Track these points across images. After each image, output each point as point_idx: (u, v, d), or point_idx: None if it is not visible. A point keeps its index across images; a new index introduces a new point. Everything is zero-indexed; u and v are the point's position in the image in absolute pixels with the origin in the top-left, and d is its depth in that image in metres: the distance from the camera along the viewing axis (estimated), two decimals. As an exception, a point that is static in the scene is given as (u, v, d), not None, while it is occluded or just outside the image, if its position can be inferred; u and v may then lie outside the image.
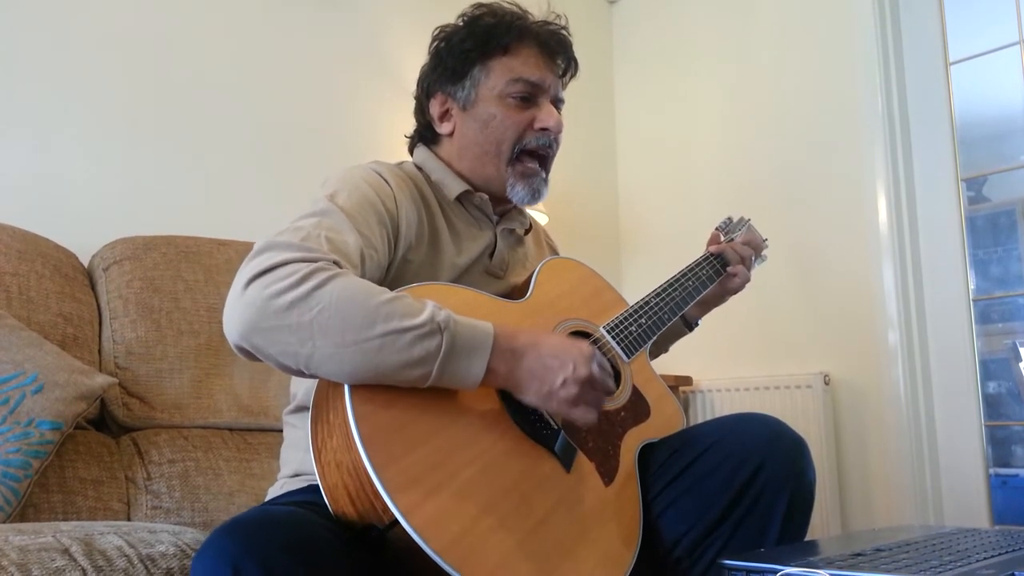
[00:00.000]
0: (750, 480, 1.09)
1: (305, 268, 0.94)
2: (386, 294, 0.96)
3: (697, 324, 1.50)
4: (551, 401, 1.01)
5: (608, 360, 1.22)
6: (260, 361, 0.97)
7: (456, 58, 1.26)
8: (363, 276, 1.05)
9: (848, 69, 2.46)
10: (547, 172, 1.29)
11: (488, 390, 1.03)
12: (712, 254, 1.46)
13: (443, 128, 1.29)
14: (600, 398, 1.04)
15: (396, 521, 0.87)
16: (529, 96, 1.25)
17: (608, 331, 1.25)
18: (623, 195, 3.14)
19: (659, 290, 1.35)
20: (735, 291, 1.47)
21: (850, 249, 2.42)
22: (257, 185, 2.26)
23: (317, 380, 1.01)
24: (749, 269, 1.47)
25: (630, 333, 1.26)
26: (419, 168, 1.29)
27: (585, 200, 3.01)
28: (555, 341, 1.03)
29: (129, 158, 2.10)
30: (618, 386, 1.22)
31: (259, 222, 2.08)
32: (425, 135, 1.33)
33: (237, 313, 0.93)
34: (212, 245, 1.92)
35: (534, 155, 1.26)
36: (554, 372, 1.00)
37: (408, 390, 0.96)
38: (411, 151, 1.35)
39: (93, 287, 1.80)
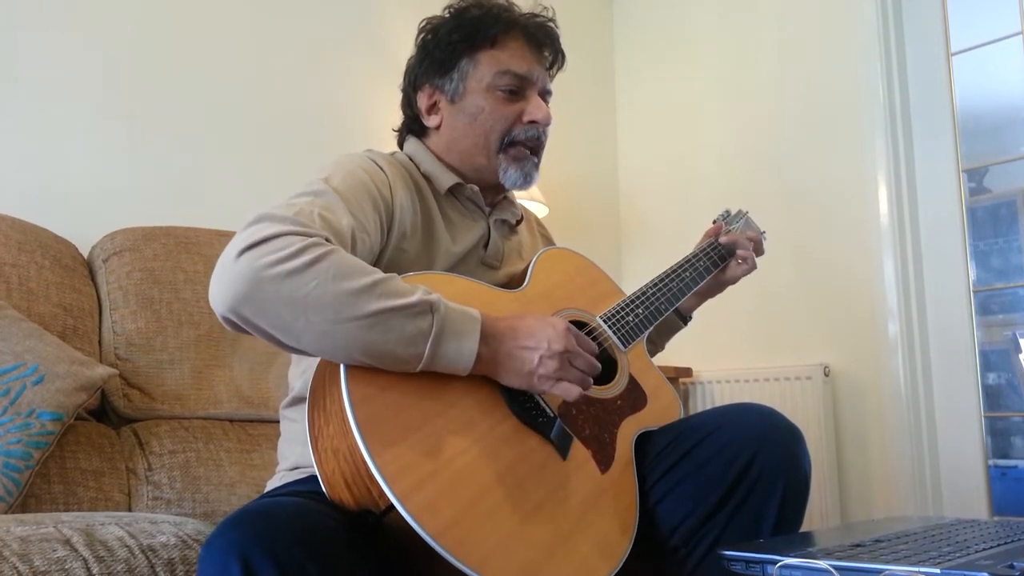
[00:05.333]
0: (745, 469, 1.09)
1: (300, 242, 0.94)
2: (379, 274, 0.97)
3: (691, 318, 1.50)
4: (532, 380, 1.02)
5: (604, 349, 1.22)
6: (246, 332, 0.96)
7: (443, 50, 1.25)
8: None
9: (849, 60, 2.46)
10: (538, 158, 1.29)
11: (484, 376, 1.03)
12: (713, 244, 1.45)
13: (431, 121, 1.28)
14: (582, 375, 1.04)
15: (392, 506, 0.87)
16: (517, 89, 1.24)
17: (605, 320, 1.25)
18: (623, 187, 3.13)
19: (656, 280, 1.35)
20: (734, 281, 1.47)
21: (850, 240, 2.42)
22: (256, 176, 2.26)
23: (314, 370, 1.01)
24: (757, 255, 1.47)
25: (627, 323, 1.26)
26: (410, 159, 1.28)
27: (586, 193, 3.01)
28: (530, 322, 1.04)
29: (128, 149, 2.10)
30: (614, 375, 1.22)
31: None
32: (413, 128, 1.32)
33: (227, 282, 0.92)
34: (211, 236, 1.92)
35: (524, 145, 1.26)
36: (530, 351, 1.01)
37: (405, 376, 0.97)
38: (400, 144, 1.35)
39: (93, 278, 1.80)
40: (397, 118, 1.36)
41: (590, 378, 1.06)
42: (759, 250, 1.49)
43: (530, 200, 2.43)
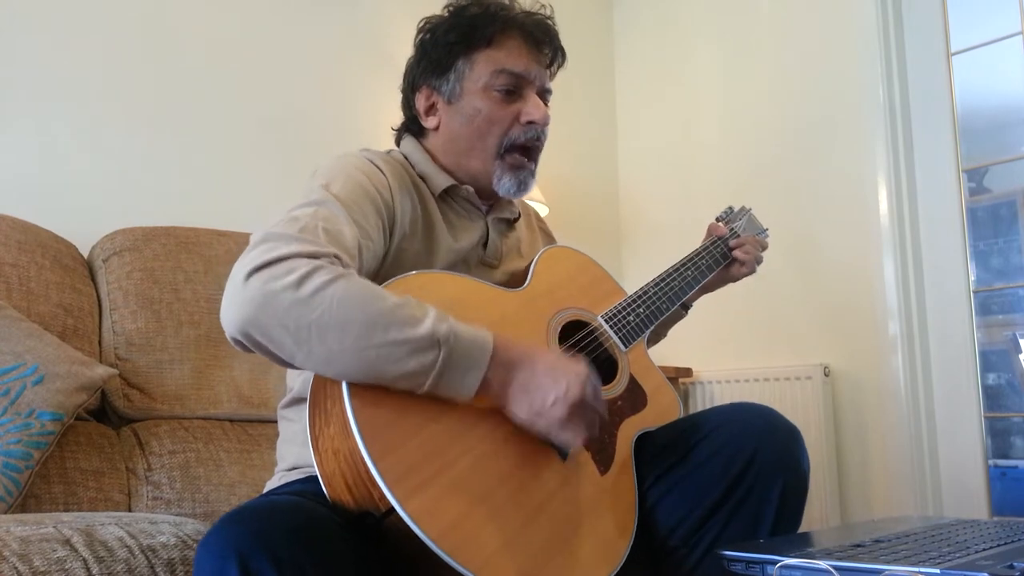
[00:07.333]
0: (744, 469, 1.09)
1: (306, 266, 0.93)
2: (388, 300, 0.95)
3: (691, 306, 1.50)
4: (540, 420, 0.99)
5: (605, 349, 1.22)
6: (255, 352, 0.96)
7: (440, 51, 1.24)
8: (360, 267, 1.05)
9: (849, 60, 2.46)
10: (535, 164, 1.27)
11: None
12: (715, 242, 1.46)
13: (429, 122, 1.27)
14: (591, 423, 1.01)
15: (392, 509, 0.87)
16: (514, 88, 1.23)
17: (606, 320, 1.25)
18: (624, 186, 3.13)
19: (659, 279, 1.35)
20: (734, 279, 1.47)
21: (850, 240, 2.42)
22: (256, 176, 2.26)
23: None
24: (756, 263, 1.48)
25: (628, 323, 1.26)
26: (406, 158, 1.28)
27: (586, 191, 3.01)
28: (551, 358, 1.02)
29: (128, 149, 2.10)
30: (615, 376, 1.22)
31: (258, 213, 2.08)
32: (412, 128, 1.31)
33: (236, 306, 0.92)
34: (211, 236, 1.92)
35: (523, 149, 1.24)
36: (546, 390, 0.98)
37: None
38: (397, 143, 1.34)
39: (93, 278, 1.80)
40: (396, 118, 1.36)
41: (595, 429, 1.02)
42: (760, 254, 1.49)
43: (530, 200, 2.43)
